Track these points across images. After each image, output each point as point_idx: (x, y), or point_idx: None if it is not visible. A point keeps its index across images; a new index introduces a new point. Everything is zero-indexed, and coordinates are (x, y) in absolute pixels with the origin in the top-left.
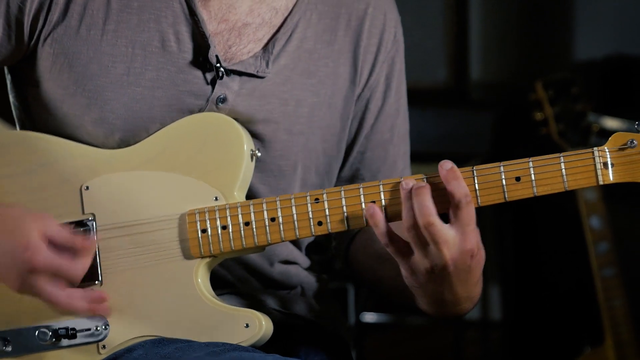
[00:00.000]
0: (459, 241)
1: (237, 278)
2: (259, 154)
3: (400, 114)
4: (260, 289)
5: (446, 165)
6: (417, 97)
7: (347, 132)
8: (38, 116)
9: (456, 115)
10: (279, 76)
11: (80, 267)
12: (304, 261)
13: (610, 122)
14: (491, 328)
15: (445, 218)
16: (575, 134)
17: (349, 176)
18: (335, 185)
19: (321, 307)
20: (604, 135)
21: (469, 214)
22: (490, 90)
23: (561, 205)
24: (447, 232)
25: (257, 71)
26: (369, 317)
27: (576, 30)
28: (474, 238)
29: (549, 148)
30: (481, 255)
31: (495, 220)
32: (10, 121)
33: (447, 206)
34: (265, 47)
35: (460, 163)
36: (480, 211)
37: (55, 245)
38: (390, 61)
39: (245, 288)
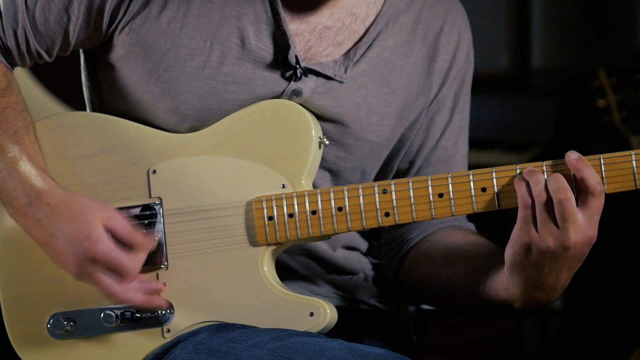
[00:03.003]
0: (584, 227)
1: (299, 264)
2: (327, 142)
3: (463, 132)
4: (322, 275)
5: (573, 155)
6: (478, 84)
7: (408, 142)
8: (109, 98)
9: (517, 102)
10: (356, 81)
11: (136, 263)
12: (365, 247)
13: None
14: (551, 316)
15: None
16: (638, 121)
17: None
18: None
19: (383, 293)
20: None
21: (600, 203)
22: (551, 77)
23: (623, 194)
24: (578, 214)
25: (335, 75)
26: None
27: (639, 16)
28: (596, 228)
29: (611, 135)
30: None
31: None
32: (80, 100)
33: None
34: (347, 54)
35: (521, 150)
36: None
37: (115, 237)
38: (461, 79)
39: (307, 274)
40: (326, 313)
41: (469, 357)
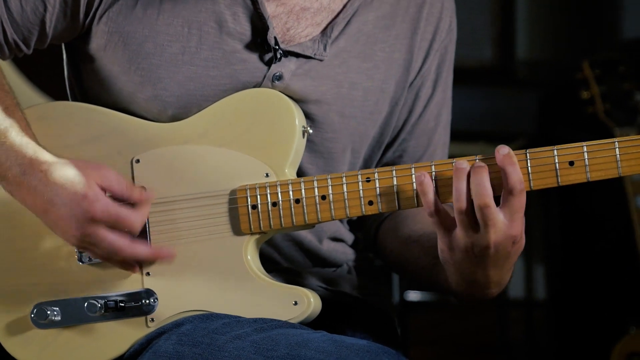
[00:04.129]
0: (505, 226)
1: (284, 256)
2: (311, 131)
3: (446, 103)
4: (307, 267)
5: (503, 150)
6: (463, 76)
7: (395, 119)
8: (91, 91)
9: (502, 94)
10: (337, 58)
11: (139, 217)
12: (351, 239)
13: None
14: (535, 307)
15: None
16: (621, 113)
17: (390, 162)
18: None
19: (367, 285)
20: None
21: (520, 201)
22: (536, 69)
23: (607, 185)
24: (498, 216)
25: (315, 54)
26: (413, 295)
27: (623, 8)
28: (520, 225)
29: (595, 127)
30: (522, 244)
31: (541, 200)
32: (63, 93)
33: (496, 190)
34: (324, 31)
35: (506, 142)
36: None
37: (113, 196)
38: (444, 50)
39: (292, 265)
40: (310, 302)
41: (453, 349)
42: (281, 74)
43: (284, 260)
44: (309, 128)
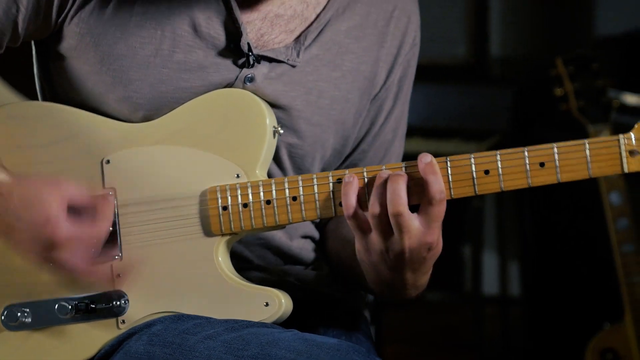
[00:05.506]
0: (420, 233)
1: (255, 254)
2: (282, 131)
3: (404, 116)
4: (278, 265)
5: (425, 159)
6: (436, 73)
7: (357, 130)
8: (61, 89)
9: (476, 91)
10: (308, 65)
11: (102, 228)
12: (319, 237)
13: (630, 98)
14: (510, 304)
15: (414, 208)
16: (595, 110)
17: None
18: None
19: (339, 283)
20: (625, 111)
21: (439, 211)
22: (510, 66)
23: (581, 181)
24: (412, 223)
25: (288, 59)
26: None
27: (597, 5)
28: (436, 233)
29: (569, 124)
30: (438, 250)
31: (515, 196)
32: (32, 91)
33: (421, 197)
34: (298, 39)
35: (480, 139)
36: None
37: (75, 207)
38: (406, 64)
39: (263, 264)
40: (281, 303)
41: (428, 346)
42: (253, 76)
43: (256, 258)
44: (279, 128)
